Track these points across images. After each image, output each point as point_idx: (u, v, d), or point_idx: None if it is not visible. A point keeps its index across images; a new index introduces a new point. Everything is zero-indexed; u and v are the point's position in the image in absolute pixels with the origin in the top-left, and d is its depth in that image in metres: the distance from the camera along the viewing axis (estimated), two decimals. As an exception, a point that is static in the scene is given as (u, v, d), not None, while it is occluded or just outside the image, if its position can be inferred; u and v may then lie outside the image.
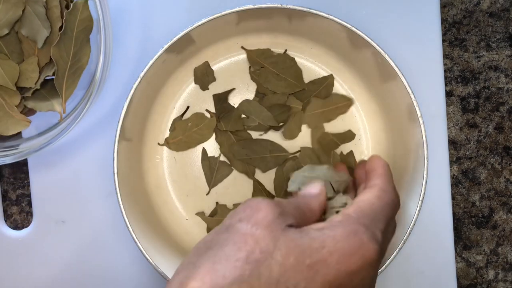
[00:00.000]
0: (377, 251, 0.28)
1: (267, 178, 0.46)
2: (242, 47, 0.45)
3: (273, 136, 0.46)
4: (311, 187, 0.34)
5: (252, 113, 0.45)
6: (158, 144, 0.46)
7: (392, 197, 0.32)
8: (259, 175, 0.46)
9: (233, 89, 0.46)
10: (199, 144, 0.46)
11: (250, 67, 0.46)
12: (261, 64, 0.45)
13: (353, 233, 0.28)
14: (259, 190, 0.46)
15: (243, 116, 0.46)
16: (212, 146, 0.46)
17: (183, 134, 0.45)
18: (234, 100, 0.46)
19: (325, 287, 0.26)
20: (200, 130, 0.45)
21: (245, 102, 0.46)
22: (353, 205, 0.31)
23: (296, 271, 0.26)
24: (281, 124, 0.46)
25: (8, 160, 0.41)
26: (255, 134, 0.46)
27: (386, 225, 0.30)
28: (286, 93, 0.45)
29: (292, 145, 0.46)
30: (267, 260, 0.26)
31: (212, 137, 0.46)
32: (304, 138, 0.46)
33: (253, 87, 0.46)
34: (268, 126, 0.45)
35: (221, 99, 0.46)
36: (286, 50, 0.46)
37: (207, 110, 0.46)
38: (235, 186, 0.46)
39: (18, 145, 0.43)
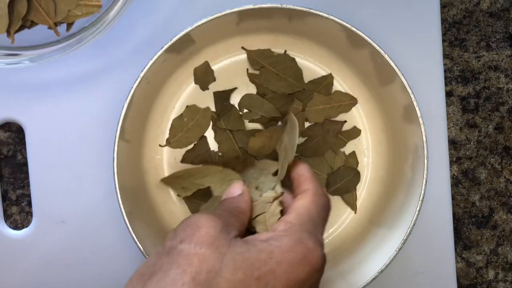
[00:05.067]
0: (322, 256, 0.29)
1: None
2: (243, 47, 0.45)
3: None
4: (232, 188, 0.34)
5: (254, 107, 0.45)
6: (160, 145, 0.46)
7: (325, 200, 0.33)
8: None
9: (235, 88, 0.46)
10: (199, 136, 0.46)
11: (247, 69, 0.46)
12: (261, 64, 0.45)
13: (298, 241, 0.28)
14: None
15: (245, 110, 0.46)
16: (211, 145, 0.46)
17: (182, 130, 0.45)
18: (234, 100, 0.46)
19: None
20: (197, 122, 0.45)
21: (246, 97, 0.46)
22: (292, 212, 0.31)
23: (245, 285, 0.26)
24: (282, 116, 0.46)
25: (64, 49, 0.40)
26: (251, 125, 0.46)
27: (323, 227, 0.31)
28: (286, 93, 0.45)
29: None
30: (214, 279, 0.26)
31: (212, 136, 0.46)
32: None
33: (253, 87, 0.46)
34: (270, 117, 0.45)
35: (222, 98, 0.46)
36: (286, 51, 0.46)
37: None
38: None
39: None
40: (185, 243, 0.27)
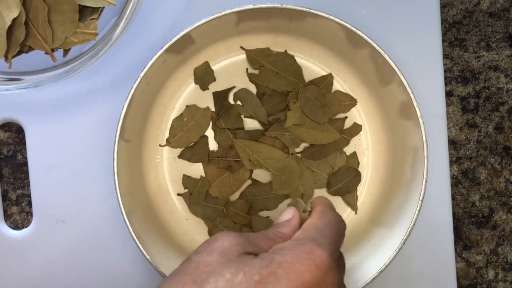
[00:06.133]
0: (328, 256, 0.28)
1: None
2: (241, 47, 0.45)
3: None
4: (284, 214, 0.34)
5: (248, 104, 0.45)
6: (160, 145, 0.46)
7: (332, 216, 0.32)
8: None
9: (234, 87, 0.46)
10: (199, 136, 0.46)
11: (247, 69, 0.46)
12: (261, 63, 0.45)
13: (301, 245, 0.28)
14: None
15: (238, 102, 0.46)
16: (211, 145, 0.46)
17: (182, 130, 0.45)
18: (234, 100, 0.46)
19: None
20: (197, 122, 0.45)
21: (243, 90, 0.46)
22: (299, 230, 0.31)
23: (244, 286, 0.26)
24: (274, 117, 0.46)
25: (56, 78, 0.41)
26: (250, 124, 0.46)
27: (333, 239, 0.30)
28: (286, 91, 0.45)
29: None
30: (214, 277, 0.26)
31: (211, 136, 0.46)
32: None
33: (253, 86, 0.46)
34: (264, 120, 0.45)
35: (220, 97, 0.46)
36: (285, 51, 0.46)
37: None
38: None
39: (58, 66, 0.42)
40: (198, 254, 0.29)
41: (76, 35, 0.40)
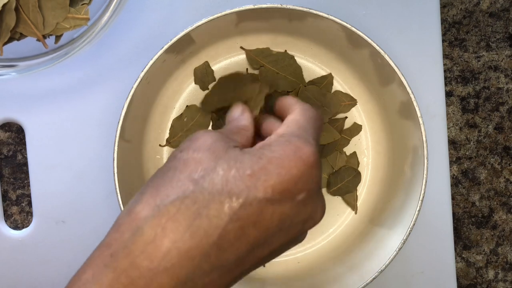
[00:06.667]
0: (314, 152, 0.29)
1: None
2: (241, 47, 0.45)
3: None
4: (234, 110, 0.36)
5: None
6: (160, 145, 0.46)
7: (313, 111, 0.34)
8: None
9: None
10: None
11: (247, 69, 0.46)
12: (261, 63, 0.45)
13: (287, 142, 0.30)
14: None
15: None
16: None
17: (182, 130, 0.46)
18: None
19: (268, 192, 0.27)
20: (197, 122, 0.45)
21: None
22: (282, 126, 0.32)
23: (238, 181, 0.27)
24: None
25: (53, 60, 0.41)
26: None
27: (315, 134, 0.32)
28: (286, 91, 0.45)
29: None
30: (209, 175, 0.28)
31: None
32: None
33: (253, 87, 0.46)
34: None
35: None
36: (286, 50, 0.46)
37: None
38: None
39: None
40: (183, 152, 0.29)
41: (67, 21, 0.40)
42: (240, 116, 0.35)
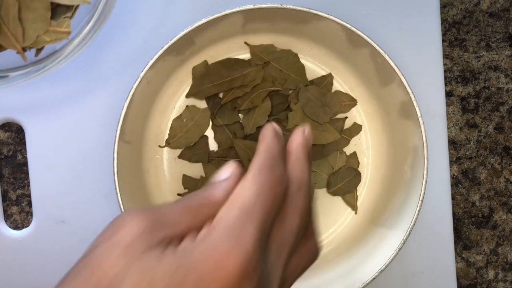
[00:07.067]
0: (244, 260, 0.23)
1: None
2: (246, 43, 0.45)
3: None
4: (223, 170, 0.28)
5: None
6: (159, 146, 0.46)
7: (269, 176, 0.26)
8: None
9: None
10: (199, 136, 0.46)
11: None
12: (264, 59, 0.45)
13: (213, 246, 0.23)
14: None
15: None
16: (211, 145, 0.46)
17: (181, 130, 0.45)
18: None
19: None
20: (196, 122, 0.45)
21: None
22: (224, 206, 0.25)
23: None
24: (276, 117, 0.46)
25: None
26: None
27: (263, 216, 0.25)
28: (288, 89, 0.45)
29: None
30: None
31: (211, 136, 0.46)
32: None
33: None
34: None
35: (212, 96, 0.46)
36: (290, 50, 0.46)
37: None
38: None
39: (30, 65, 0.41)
40: (102, 245, 0.24)
41: (48, 34, 0.39)
42: (220, 184, 0.27)
